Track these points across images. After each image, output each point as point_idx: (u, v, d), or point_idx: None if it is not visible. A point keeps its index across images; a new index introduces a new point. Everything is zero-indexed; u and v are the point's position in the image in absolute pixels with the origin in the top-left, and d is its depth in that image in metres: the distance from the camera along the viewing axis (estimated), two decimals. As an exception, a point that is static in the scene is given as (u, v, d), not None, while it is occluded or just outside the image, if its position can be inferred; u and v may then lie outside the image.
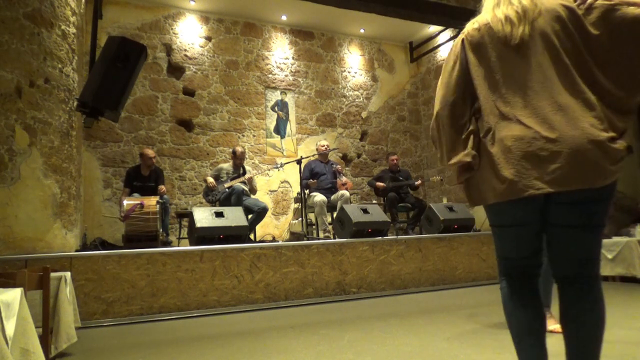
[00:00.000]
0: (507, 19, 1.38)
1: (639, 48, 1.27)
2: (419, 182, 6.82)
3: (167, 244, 5.47)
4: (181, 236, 6.12)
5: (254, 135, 7.77)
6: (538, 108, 1.32)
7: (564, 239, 1.39)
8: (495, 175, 1.36)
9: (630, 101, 1.30)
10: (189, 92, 7.39)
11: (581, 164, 1.26)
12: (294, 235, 6.85)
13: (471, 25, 1.49)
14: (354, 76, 8.77)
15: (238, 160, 6.14)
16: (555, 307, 3.47)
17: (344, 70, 8.69)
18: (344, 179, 6.41)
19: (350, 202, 6.32)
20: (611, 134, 1.27)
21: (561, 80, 1.31)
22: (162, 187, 5.70)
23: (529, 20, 1.36)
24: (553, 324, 2.75)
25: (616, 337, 2.75)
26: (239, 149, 6.24)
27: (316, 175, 6.30)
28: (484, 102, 1.42)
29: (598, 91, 1.30)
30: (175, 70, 7.38)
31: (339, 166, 6.52)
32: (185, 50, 7.43)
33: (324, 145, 6.45)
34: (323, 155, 6.44)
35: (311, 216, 6.30)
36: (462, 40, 1.49)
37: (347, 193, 6.16)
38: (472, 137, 1.45)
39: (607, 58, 1.30)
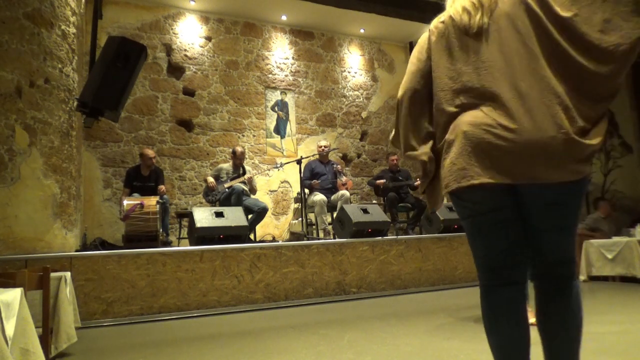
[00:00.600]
0: (464, 9, 1.39)
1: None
2: (419, 182, 6.81)
3: (167, 244, 5.47)
4: (181, 236, 6.12)
5: (254, 135, 7.77)
6: (498, 95, 1.27)
7: (535, 239, 1.34)
8: (451, 161, 1.33)
9: (612, 81, 1.23)
10: (189, 92, 7.39)
11: (538, 157, 1.20)
12: (294, 235, 6.85)
13: (437, 20, 1.50)
14: (354, 76, 8.77)
15: (238, 160, 6.14)
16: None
17: (344, 70, 8.69)
18: (344, 178, 6.41)
19: (350, 202, 6.32)
20: (580, 125, 1.20)
21: (523, 66, 1.26)
22: (162, 187, 5.70)
23: (486, 9, 1.35)
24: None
25: (616, 336, 2.75)
26: (238, 149, 6.24)
27: (316, 175, 6.30)
28: (444, 90, 1.40)
29: (571, 75, 1.23)
30: (175, 70, 7.38)
31: (339, 166, 6.52)
32: (185, 50, 7.43)
33: (321, 146, 6.46)
34: (323, 155, 6.44)
35: (311, 216, 6.30)
36: (428, 33, 1.51)
37: (347, 193, 6.16)
38: (429, 141, 1.45)
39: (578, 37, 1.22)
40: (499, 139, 1.24)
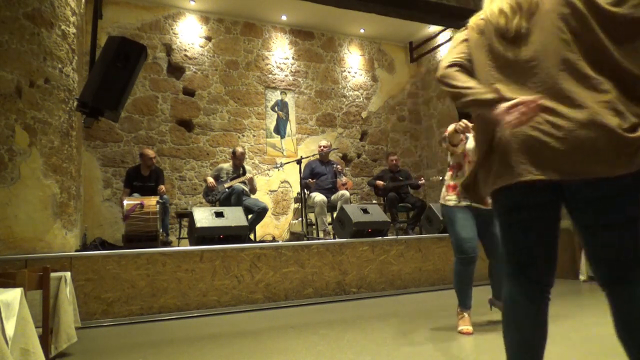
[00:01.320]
0: (501, 12, 1.37)
1: None
2: (422, 181, 6.80)
3: (167, 244, 5.47)
4: (181, 236, 6.12)
5: (254, 135, 7.77)
6: (542, 94, 1.27)
7: (589, 241, 1.30)
8: (497, 158, 1.33)
9: None
10: (189, 92, 7.39)
11: (585, 152, 1.20)
12: (294, 235, 6.85)
13: (476, 17, 1.50)
14: (354, 76, 8.77)
15: (238, 161, 6.14)
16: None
17: (344, 70, 8.69)
18: (344, 179, 6.41)
19: (350, 202, 6.32)
20: (629, 121, 1.18)
21: (567, 66, 1.26)
22: (162, 187, 5.70)
23: (525, 12, 1.33)
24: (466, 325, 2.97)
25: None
26: (238, 149, 6.24)
27: (316, 175, 6.30)
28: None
29: (615, 75, 1.23)
30: (175, 70, 7.38)
31: (339, 166, 6.52)
32: (185, 50, 7.43)
33: (321, 146, 6.46)
34: (323, 155, 6.44)
35: (311, 216, 6.30)
36: (467, 30, 1.51)
37: (347, 193, 6.16)
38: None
39: (629, 33, 1.22)
40: (547, 135, 1.24)
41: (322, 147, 6.43)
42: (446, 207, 3.11)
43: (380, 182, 6.71)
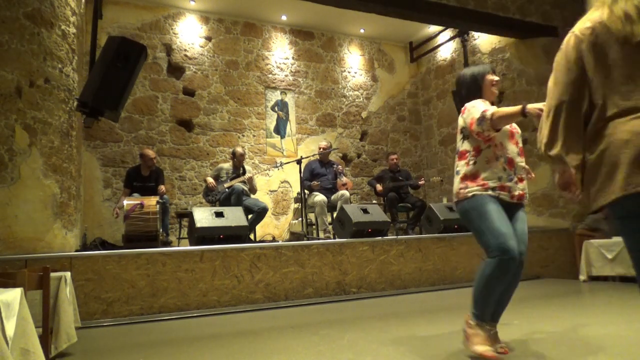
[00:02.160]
0: (627, 16, 1.31)
1: None
2: (422, 181, 6.81)
3: (167, 244, 5.47)
4: (181, 236, 6.12)
5: (254, 135, 7.77)
6: None
7: None
8: (612, 169, 1.33)
9: None
10: (189, 92, 7.39)
11: None
12: (294, 235, 6.85)
13: (583, 24, 1.43)
14: (354, 76, 8.77)
15: (237, 161, 6.14)
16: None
17: (344, 70, 8.69)
18: (344, 179, 6.41)
19: (350, 202, 6.32)
20: None
21: None
22: (162, 188, 5.70)
23: None
24: (489, 346, 2.27)
25: (616, 337, 2.75)
26: (238, 150, 6.24)
27: (316, 176, 6.29)
28: (602, 98, 1.38)
29: None
30: (175, 70, 7.38)
31: (339, 166, 6.52)
32: (185, 50, 7.43)
33: (321, 147, 6.46)
34: (324, 156, 6.44)
35: (311, 216, 6.30)
36: (575, 40, 1.43)
37: (347, 193, 6.16)
38: (581, 151, 1.43)
39: None
40: None
41: (321, 148, 6.43)
42: (471, 200, 2.37)
43: (379, 187, 6.71)
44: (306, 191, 6.20)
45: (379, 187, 6.71)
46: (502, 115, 2.27)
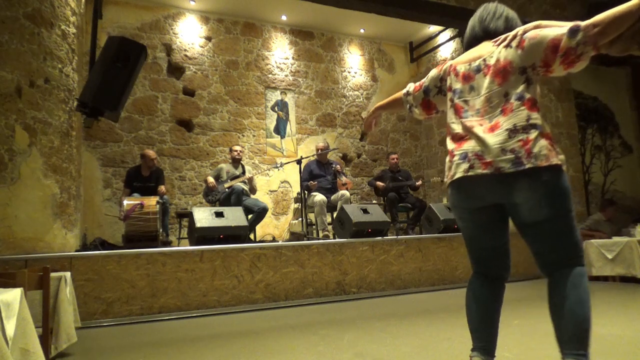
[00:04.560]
0: None
1: None
2: (419, 182, 6.82)
3: (167, 244, 5.47)
4: (181, 236, 6.12)
5: (254, 135, 7.77)
6: None
7: None
8: None
9: None
10: (189, 92, 7.39)
11: None
12: (294, 235, 6.85)
13: None
14: (354, 76, 8.77)
15: (236, 154, 6.18)
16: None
17: (344, 70, 8.69)
18: (344, 179, 6.40)
19: (350, 202, 6.32)
20: None
21: None
22: (162, 188, 5.70)
23: None
24: None
25: (616, 337, 2.75)
26: (236, 147, 6.31)
27: (315, 177, 6.29)
28: None
29: None
30: (175, 70, 7.38)
31: (338, 166, 6.52)
32: (185, 50, 7.43)
33: (318, 148, 6.46)
34: (322, 156, 6.43)
35: (311, 216, 6.30)
36: None
37: (347, 193, 6.16)
38: None
39: None
40: None
41: (318, 149, 6.43)
42: (566, 175, 1.61)
43: (380, 184, 6.71)
44: (306, 191, 6.19)
45: (379, 184, 6.71)
46: (612, 18, 1.46)
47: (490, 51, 1.71)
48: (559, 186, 1.56)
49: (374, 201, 7.20)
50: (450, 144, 1.77)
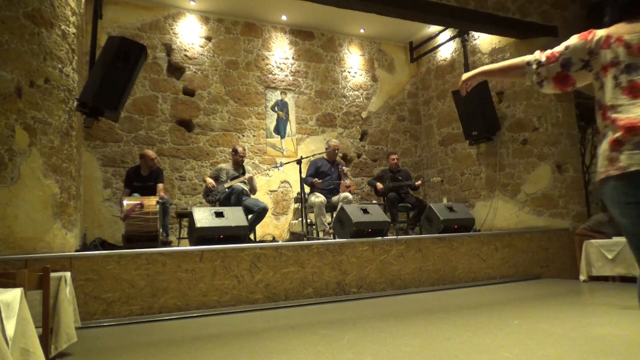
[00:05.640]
0: None
1: None
2: (419, 182, 6.82)
3: (167, 244, 5.47)
4: (181, 236, 6.12)
5: (254, 135, 7.77)
6: None
7: None
8: None
9: None
10: (189, 92, 7.39)
11: None
12: (294, 235, 6.85)
13: None
14: (354, 76, 8.77)
15: (240, 157, 6.17)
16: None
17: (344, 70, 8.69)
18: (347, 181, 6.40)
19: (351, 202, 6.32)
20: None
21: None
22: (160, 187, 5.70)
23: None
24: None
25: (616, 337, 2.75)
26: (239, 148, 6.29)
27: (322, 174, 6.28)
28: None
29: None
30: (175, 70, 7.38)
31: (344, 167, 6.52)
32: (185, 50, 7.43)
33: (332, 145, 6.45)
34: (332, 154, 6.43)
35: (311, 216, 6.30)
36: None
37: (350, 195, 6.16)
38: None
39: None
40: None
41: (331, 146, 6.44)
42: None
43: (380, 185, 6.71)
44: (306, 190, 6.19)
45: (379, 185, 6.71)
46: None
47: None
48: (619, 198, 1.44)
49: (374, 201, 7.20)
50: (614, 130, 1.53)
